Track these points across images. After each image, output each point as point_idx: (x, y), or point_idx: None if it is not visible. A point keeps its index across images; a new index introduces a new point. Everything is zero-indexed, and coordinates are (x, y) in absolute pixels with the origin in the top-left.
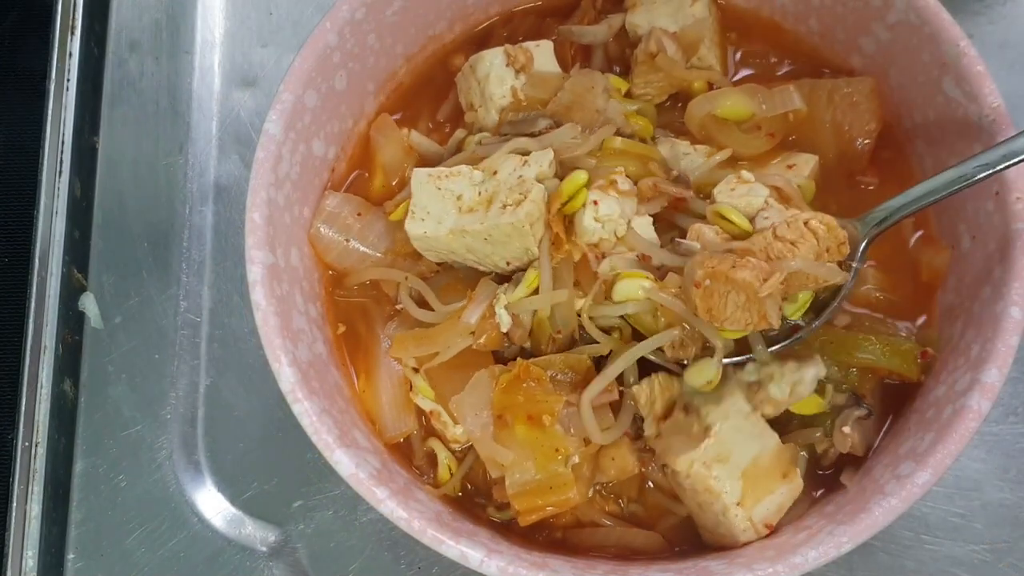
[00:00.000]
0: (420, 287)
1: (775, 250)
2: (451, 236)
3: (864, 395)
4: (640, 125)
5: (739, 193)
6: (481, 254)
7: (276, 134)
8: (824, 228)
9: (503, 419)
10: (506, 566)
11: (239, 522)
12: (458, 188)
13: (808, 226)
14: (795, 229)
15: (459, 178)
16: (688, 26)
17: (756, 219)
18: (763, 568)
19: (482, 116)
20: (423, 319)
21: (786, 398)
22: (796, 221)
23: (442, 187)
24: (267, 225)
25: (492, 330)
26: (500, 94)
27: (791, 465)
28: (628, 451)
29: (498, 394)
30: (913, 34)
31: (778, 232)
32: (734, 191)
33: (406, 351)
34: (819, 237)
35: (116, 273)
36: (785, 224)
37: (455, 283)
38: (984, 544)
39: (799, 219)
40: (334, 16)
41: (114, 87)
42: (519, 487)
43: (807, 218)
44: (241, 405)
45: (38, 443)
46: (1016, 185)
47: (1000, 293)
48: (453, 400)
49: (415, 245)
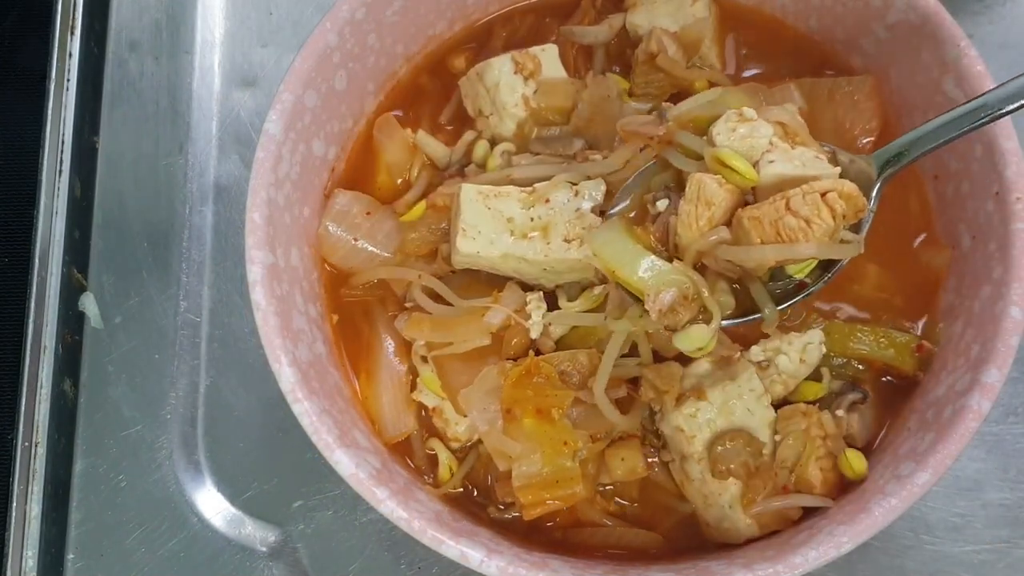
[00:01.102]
0: (435, 285)
1: (787, 227)
2: (503, 259)
3: (861, 381)
4: None
5: (740, 134)
6: (529, 275)
7: (276, 134)
8: (843, 203)
9: (511, 413)
10: (506, 566)
11: (239, 522)
12: (508, 210)
13: (826, 200)
14: (811, 203)
15: (508, 199)
16: (689, 25)
17: (761, 163)
18: (763, 568)
19: (495, 124)
20: (441, 315)
21: (797, 367)
22: (813, 193)
23: (492, 207)
24: (267, 225)
25: (521, 336)
26: (512, 102)
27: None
28: (638, 452)
29: (507, 388)
30: (913, 34)
31: (792, 205)
32: (735, 131)
33: (421, 332)
34: (836, 214)
35: (116, 273)
36: (800, 196)
37: (474, 283)
38: (984, 544)
39: (815, 189)
40: (334, 16)
41: (114, 87)
42: (525, 479)
43: (825, 189)
44: (241, 405)
45: (38, 443)
46: (1016, 185)
47: (1000, 293)
48: (462, 393)
49: (457, 260)
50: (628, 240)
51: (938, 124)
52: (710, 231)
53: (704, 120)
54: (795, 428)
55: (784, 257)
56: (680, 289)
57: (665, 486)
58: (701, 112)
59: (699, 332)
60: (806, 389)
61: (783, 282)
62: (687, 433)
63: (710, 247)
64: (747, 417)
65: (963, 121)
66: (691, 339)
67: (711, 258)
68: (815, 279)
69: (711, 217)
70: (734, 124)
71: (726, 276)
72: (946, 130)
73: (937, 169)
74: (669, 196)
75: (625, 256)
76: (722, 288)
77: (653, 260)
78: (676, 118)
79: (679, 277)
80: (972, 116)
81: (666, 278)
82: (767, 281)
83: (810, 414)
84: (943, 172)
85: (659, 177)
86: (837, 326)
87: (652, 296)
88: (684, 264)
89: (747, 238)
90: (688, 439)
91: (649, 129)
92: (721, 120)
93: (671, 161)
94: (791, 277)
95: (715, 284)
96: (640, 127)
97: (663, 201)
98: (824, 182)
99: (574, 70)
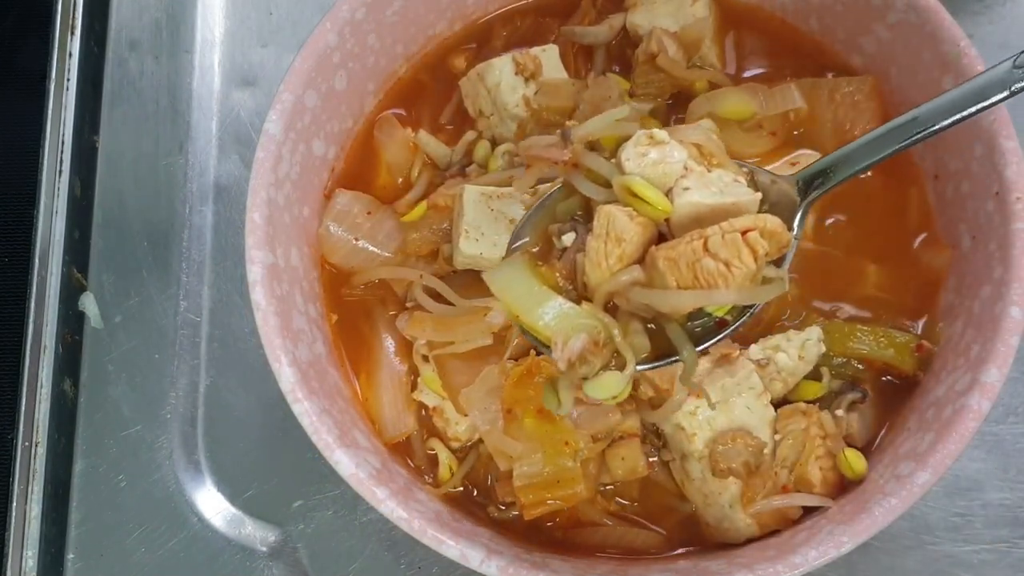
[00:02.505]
0: (437, 285)
1: (705, 270)
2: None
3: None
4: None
5: (652, 159)
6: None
7: (276, 134)
8: (765, 242)
9: (512, 413)
10: (506, 566)
11: (239, 522)
12: (510, 211)
13: (747, 240)
14: (731, 243)
15: (510, 200)
16: (689, 25)
17: (675, 190)
18: (763, 568)
19: (496, 124)
20: (442, 315)
21: (796, 364)
22: (732, 232)
23: (494, 208)
24: (267, 225)
25: (523, 336)
26: (513, 103)
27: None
28: (639, 451)
29: (508, 388)
30: (913, 34)
31: (710, 246)
32: (645, 156)
33: (423, 331)
34: (758, 256)
35: (116, 273)
36: (719, 236)
37: (476, 283)
38: (984, 544)
39: (735, 228)
40: (334, 16)
41: (114, 86)
42: (526, 479)
43: (745, 227)
44: (241, 405)
45: (38, 443)
46: (1016, 185)
47: (1000, 293)
48: (463, 392)
49: (459, 261)
50: (532, 280)
51: (867, 140)
52: (621, 271)
53: (614, 140)
54: (795, 427)
55: (702, 304)
56: (591, 334)
57: (665, 486)
58: (610, 132)
59: (612, 380)
60: (806, 388)
61: (703, 320)
62: (687, 431)
63: (622, 288)
64: (747, 415)
65: (893, 137)
66: (603, 387)
67: (623, 298)
68: (736, 315)
69: (622, 255)
70: (644, 148)
71: (640, 316)
72: (875, 147)
73: (937, 169)
74: (576, 228)
75: (529, 299)
76: (636, 329)
77: (560, 303)
78: (581, 139)
79: (589, 321)
80: (903, 131)
81: (574, 323)
82: (684, 322)
83: (810, 414)
84: (943, 172)
85: (565, 204)
86: (837, 325)
87: (560, 344)
88: (594, 306)
89: (662, 280)
90: (688, 437)
91: (553, 153)
92: (630, 144)
93: (577, 187)
94: (711, 315)
95: (628, 325)
96: (542, 150)
97: (569, 235)
98: (745, 219)
99: (575, 70)
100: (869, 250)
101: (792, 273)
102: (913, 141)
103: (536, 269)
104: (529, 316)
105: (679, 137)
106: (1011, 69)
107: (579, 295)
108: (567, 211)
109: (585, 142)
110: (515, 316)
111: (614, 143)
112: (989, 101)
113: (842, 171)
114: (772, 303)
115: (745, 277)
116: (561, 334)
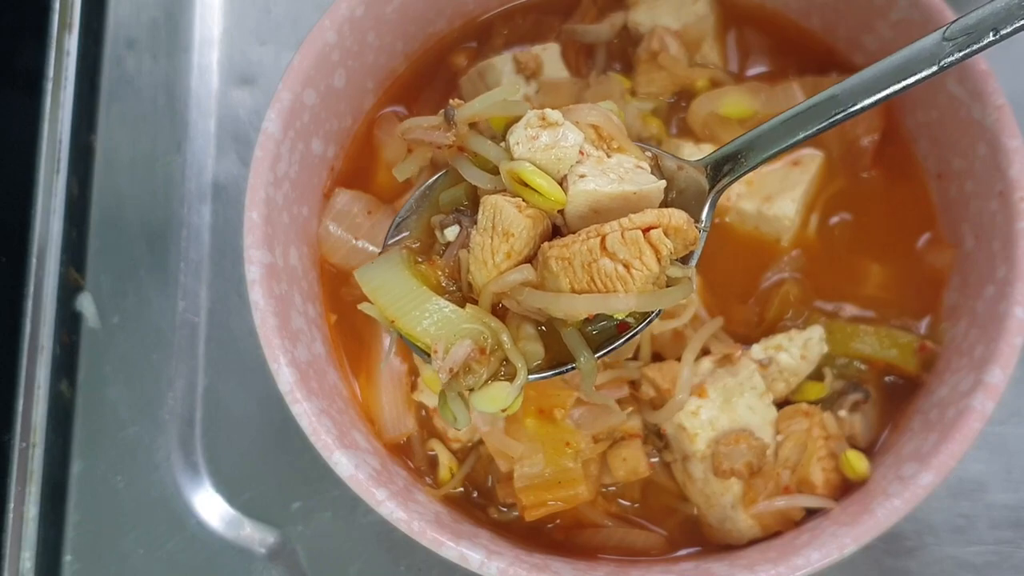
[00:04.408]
0: None
1: (602, 272)
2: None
3: (864, 381)
4: (655, 126)
5: (543, 143)
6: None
7: (275, 133)
8: (669, 241)
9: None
10: (506, 568)
11: (238, 524)
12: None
13: (649, 239)
14: (631, 243)
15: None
16: (690, 24)
17: (569, 178)
18: (765, 570)
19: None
20: None
21: (798, 363)
22: (633, 230)
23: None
24: (266, 224)
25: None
26: None
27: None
28: (640, 452)
29: None
30: (916, 31)
31: (608, 245)
32: (537, 140)
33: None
34: (661, 256)
35: (113, 272)
36: (618, 234)
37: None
38: (988, 545)
39: (636, 225)
40: (333, 14)
41: (111, 85)
42: (527, 480)
43: (647, 224)
44: (240, 406)
45: (35, 444)
46: (1020, 184)
47: (1004, 293)
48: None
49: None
50: (410, 279)
51: (779, 121)
52: (510, 270)
53: (502, 122)
54: (797, 428)
55: (599, 310)
56: (476, 341)
57: (667, 487)
58: (500, 112)
59: (501, 391)
60: (808, 389)
61: (602, 324)
62: (689, 432)
63: (510, 289)
64: (749, 415)
65: (808, 118)
66: (491, 400)
67: (513, 300)
68: (639, 317)
69: (510, 251)
70: (535, 130)
71: (532, 319)
72: (788, 128)
73: (940, 168)
74: (461, 221)
75: (406, 301)
76: (528, 334)
77: (441, 305)
78: (466, 119)
79: (474, 326)
80: (820, 112)
81: (457, 328)
82: (582, 326)
83: (812, 414)
84: (946, 171)
85: (449, 193)
86: (840, 325)
87: (440, 352)
88: (480, 308)
89: (555, 282)
90: (691, 437)
91: (435, 136)
92: (520, 125)
93: (462, 173)
94: (611, 317)
95: (519, 329)
96: (423, 133)
97: (453, 228)
98: (647, 215)
99: (576, 69)
100: (872, 250)
101: (795, 273)
102: (831, 123)
103: (415, 267)
104: (406, 320)
105: (574, 118)
106: (940, 41)
107: (464, 296)
108: (451, 201)
109: (471, 123)
110: (390, 321)
111: (504, 125)
112: (916, 77)
113: (754, 156)
114: (773, 302)
115: (647, 280)
116: (442, 340)
